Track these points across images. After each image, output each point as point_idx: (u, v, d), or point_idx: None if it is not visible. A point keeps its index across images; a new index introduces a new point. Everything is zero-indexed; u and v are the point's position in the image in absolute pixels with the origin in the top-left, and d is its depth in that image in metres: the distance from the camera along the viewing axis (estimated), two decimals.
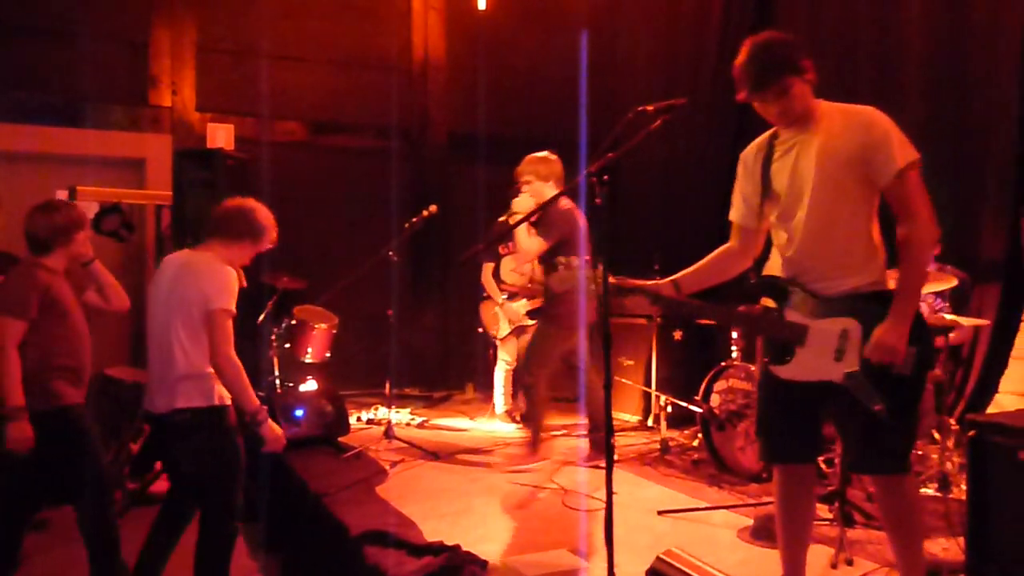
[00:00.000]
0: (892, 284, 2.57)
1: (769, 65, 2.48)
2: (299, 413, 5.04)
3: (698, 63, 6.80)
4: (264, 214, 3.24)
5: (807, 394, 2.60)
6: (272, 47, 6.93)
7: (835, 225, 2.53)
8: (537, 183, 4.69)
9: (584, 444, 5.00)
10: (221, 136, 6.69)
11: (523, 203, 4.70)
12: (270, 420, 3.10)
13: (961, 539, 3.12)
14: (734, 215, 2.84)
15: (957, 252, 4.41)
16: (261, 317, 5.55)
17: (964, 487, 3.22)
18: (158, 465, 4.41)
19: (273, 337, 5.66)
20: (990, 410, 4.42)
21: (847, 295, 2.53)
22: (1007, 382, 4.55)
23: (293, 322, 5.74)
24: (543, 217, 4.53)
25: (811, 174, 2.54)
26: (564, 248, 4.50)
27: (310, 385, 5.74)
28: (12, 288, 3.17)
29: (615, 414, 6.10)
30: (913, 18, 5.02)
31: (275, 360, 5.67)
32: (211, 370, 3.01)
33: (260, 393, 4.50)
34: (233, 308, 3.03)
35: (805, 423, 2.70)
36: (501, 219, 5.09)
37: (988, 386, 4.57)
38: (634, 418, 6.04)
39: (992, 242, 4.59)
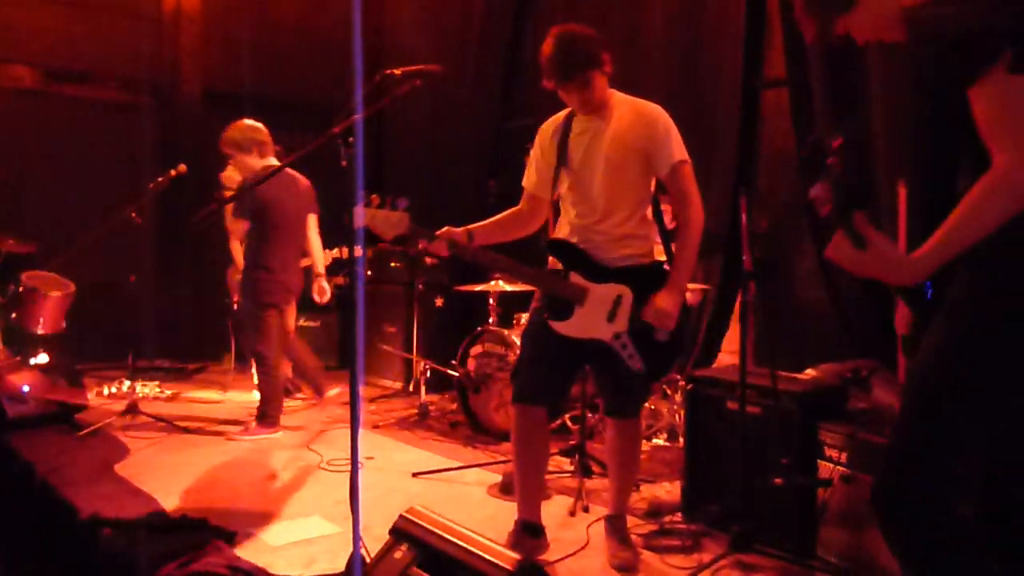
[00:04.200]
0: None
1: (574, 59, 2.70)
2: (25, 389, 4.56)
3: (464, 32, 6.89)
4: None
5: (574, 347, 2.84)
6: None
7: (618, 204, 2.84)
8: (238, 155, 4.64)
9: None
10: None
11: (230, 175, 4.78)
12: None
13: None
14: (527, 183, 3.05)
15: None
16: None
17: None
18: None
19: None
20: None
21: (623, 265, 2.84)
22: (728, 342, 5.10)
23: (21, 289, 5.16)
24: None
25: (602, 158, 2.82)
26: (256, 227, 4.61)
27: (41, 359, 5.21)
28: None
29: (377, 380, 6.18)
30: (657, 6, 5.40)
31: None
32: None
33: None
34: None
35: (562, 368, 2.94)
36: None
37: (712, 346, 5.09)
38: (396, 384, 6.09)
39: (718, 218, 5.08)
